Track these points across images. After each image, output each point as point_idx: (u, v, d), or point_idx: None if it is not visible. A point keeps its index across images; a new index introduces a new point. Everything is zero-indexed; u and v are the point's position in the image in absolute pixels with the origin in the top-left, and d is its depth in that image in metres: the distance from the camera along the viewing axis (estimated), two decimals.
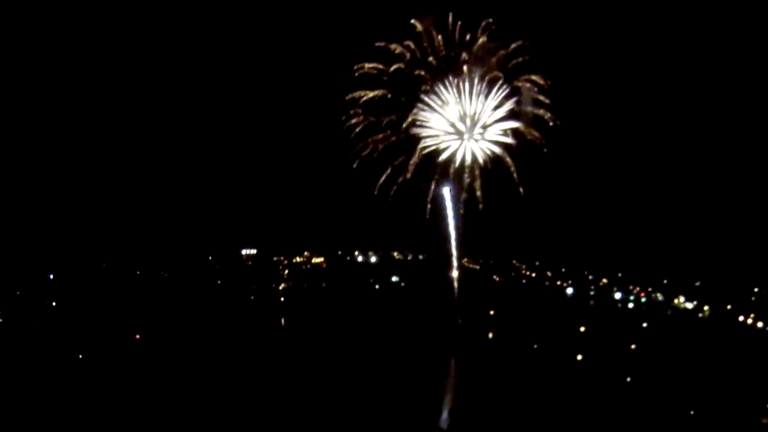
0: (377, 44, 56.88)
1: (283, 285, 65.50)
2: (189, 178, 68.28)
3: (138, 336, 57.17)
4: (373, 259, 69.31)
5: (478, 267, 67.90)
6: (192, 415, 45.60)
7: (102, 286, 63.11)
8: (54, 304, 61.03)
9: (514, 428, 45.11)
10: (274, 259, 69.56)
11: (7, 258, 61.70)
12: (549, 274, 67.41)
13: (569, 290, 65.38)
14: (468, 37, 57.43)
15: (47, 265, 64.18)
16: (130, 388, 48.99)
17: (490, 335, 59.21)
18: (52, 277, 64.15)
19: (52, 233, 64.42)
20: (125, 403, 47.09)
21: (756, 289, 62.55)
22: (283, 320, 61.18)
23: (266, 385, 49.72)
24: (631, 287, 66.05)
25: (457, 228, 62.16)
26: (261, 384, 49.79)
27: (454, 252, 61.42)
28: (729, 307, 61.13)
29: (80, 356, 54.32)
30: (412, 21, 57.29)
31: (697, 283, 65.77)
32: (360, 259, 69.80)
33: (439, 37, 57.63)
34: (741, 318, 60.11)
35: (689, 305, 63.59)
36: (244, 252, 70.95)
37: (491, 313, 60.63)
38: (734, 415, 47.09)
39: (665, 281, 66.41)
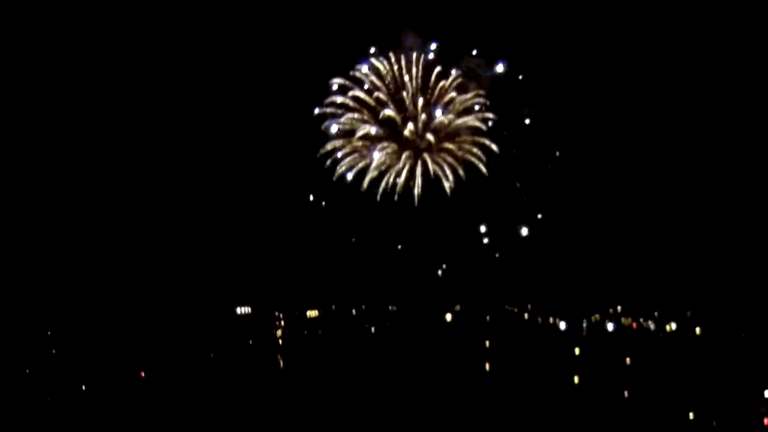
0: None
1: (279, 332, 66.54)
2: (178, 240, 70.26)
3: (143, 374, 57.90)
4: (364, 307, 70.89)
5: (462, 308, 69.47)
6: None
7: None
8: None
9: None
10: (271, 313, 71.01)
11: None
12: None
13: (562, 325, 66.45)
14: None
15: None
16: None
17: (487, 366, 59.88)
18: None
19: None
20: None
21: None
22: (281, 361, 61.98)
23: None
24: (623, 319, 67.31)
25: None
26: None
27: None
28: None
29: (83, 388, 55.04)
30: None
31: (689, 313, 67.10)
32: (354, 311, 71.34)
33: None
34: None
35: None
36: (239, 310, 72.28)
37: (486, 344, 61.61)
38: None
39: (656, 313, 67.74)
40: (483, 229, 68.76)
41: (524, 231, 68.91)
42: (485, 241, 69.53)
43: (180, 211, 69.19)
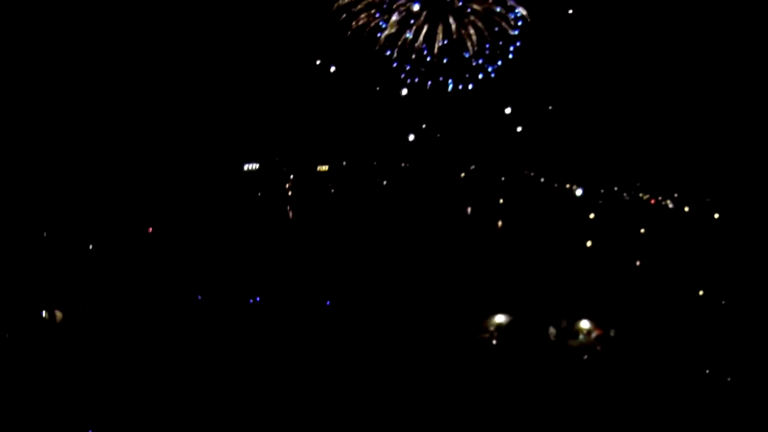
0: None
1: (289, 184, 65.46)
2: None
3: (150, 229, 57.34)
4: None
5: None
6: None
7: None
8: None
9: None
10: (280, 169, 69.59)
11: None
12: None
13: (578, 191, 65.04)
14: None
15: None
16: None
17: (499, 224, 59.15)
18: None
19: None
20: None
21: None
22: (290, 213, 61.29)
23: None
24: (641, 194, 65.81)
25: None
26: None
27: None
28: None
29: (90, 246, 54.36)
30: None
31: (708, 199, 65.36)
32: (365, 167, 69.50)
33: None
34: None
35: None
36: (246, 167, 70.93)
37: (500, 201, 60.70)
38: None
39: (676, 194, 66.18)
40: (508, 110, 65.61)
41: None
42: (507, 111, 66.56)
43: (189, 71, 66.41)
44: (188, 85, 65.96)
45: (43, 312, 45.87)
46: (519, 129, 66.23)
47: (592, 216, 61.14)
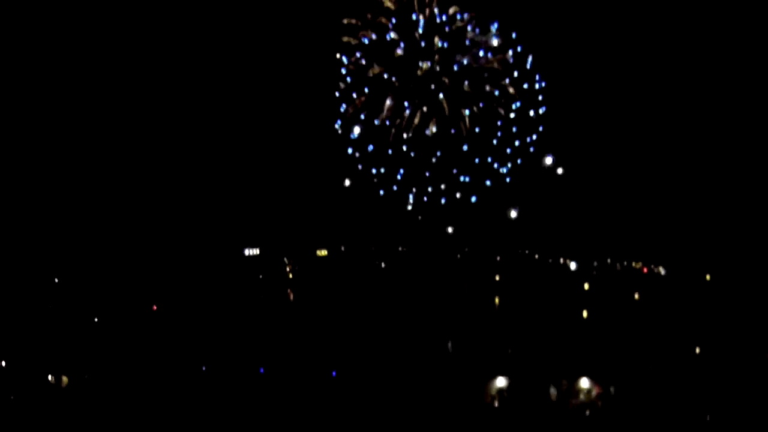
0: None
1: (289, 268, 66.72)
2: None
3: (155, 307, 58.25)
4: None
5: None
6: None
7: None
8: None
9: None
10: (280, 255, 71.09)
11: None
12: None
13: (572, 265, 66.34)
14: None
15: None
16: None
17: (497, 300, 60.01)
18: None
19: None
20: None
21: None
22: (291, 295, 62.28)
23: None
24: (633, 263, 67.14)
25: None
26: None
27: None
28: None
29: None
30: None
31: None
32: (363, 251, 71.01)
33: None
34: None
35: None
36: (247, 252, 72.40)
37: (497, 278, 61.77)
38: None
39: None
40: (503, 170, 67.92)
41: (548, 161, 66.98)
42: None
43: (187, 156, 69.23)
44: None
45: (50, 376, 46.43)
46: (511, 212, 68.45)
47: (587, 287, 62.31)
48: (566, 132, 67.35)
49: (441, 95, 66.30)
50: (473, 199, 67.45)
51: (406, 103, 65.71)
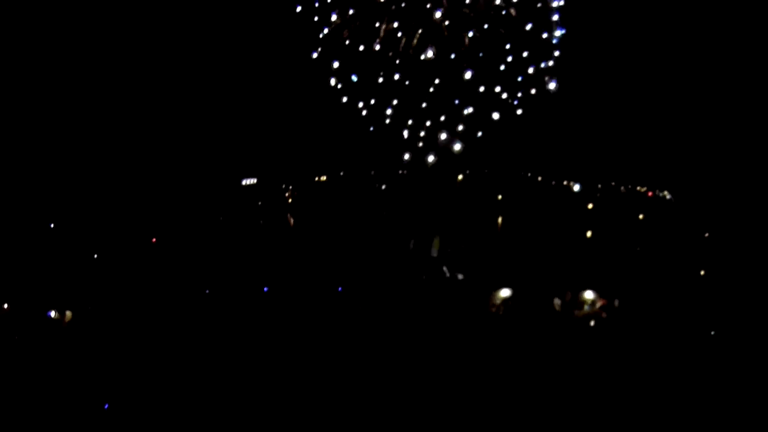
0: None
1: (288, 193, 66.24)
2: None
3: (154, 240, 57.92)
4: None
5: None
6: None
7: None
8: None
9: None
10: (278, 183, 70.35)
11: None
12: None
13: (576, 187, 65.52)
14: None
15: None
16: None
17: (500, 220, 59.57)
18: None
19: None
20: None
21: None
22: (291, 220, 61.92)
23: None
24: (638, 188, 66.38)
25: None
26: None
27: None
28: None
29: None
30: None
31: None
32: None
33: None
34: None
35: None
36: (244, 182, 71.71)
37: (499, 197, 61.22)
38: None
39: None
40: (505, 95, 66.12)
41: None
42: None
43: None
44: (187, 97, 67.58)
45: (52, 312, 46.20)
46: (514, 129, 66.94)
47: (590, 206, 61.68)
48: (580, 56, 65.81)
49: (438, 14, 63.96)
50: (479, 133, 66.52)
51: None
